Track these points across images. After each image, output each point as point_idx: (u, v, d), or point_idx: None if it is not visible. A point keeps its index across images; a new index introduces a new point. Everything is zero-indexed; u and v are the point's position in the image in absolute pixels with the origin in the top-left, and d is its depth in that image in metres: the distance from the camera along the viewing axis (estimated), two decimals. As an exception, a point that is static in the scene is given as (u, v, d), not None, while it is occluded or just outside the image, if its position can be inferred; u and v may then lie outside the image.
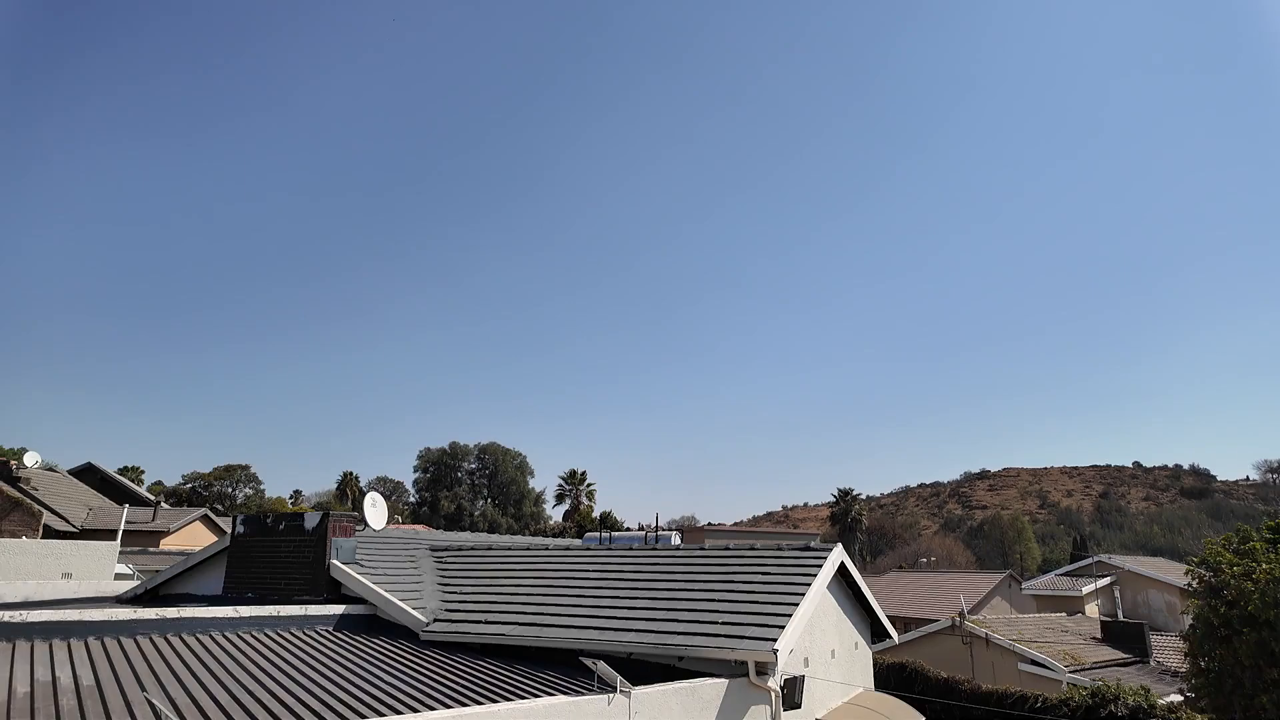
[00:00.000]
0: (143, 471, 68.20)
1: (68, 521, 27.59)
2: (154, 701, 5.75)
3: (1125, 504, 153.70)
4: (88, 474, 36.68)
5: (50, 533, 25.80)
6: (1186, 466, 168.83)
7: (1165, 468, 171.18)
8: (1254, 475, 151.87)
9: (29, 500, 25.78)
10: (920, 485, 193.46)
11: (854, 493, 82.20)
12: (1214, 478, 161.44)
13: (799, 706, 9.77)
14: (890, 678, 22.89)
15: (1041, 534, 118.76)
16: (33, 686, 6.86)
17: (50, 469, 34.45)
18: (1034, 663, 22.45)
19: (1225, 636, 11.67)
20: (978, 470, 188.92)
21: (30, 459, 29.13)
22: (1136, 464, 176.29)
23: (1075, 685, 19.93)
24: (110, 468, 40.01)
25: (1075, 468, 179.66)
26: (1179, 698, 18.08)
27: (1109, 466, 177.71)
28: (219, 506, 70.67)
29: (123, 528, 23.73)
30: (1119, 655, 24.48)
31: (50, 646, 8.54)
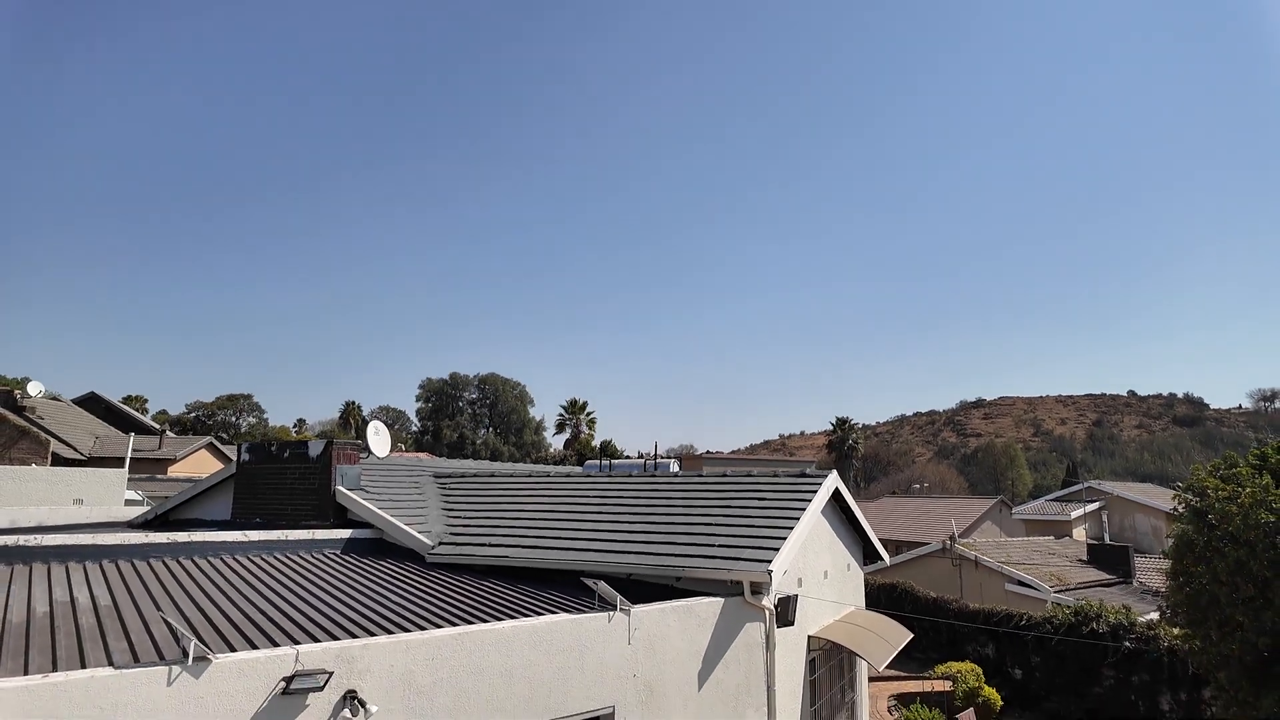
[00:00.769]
0: (146, 401, 68.84)
1: (75, 450, 28.00)
2: (170, 621, 5.96)
3: (1118, 432, 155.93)
4: (92, 403, 36.99)
5: (59, 460, 26.22)
6: (1180, 395, 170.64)
7: (1159, 396, 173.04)
8: (1246, 404, 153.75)
9: (36, 429, 26.10)
10: (916, 414, 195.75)
11: (850, 421, 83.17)
12: (1207, 406, 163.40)
13: (792, 624, 10.15)
14: (881, 597, 23.74)
15: (1034, 461, 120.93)
16: (52, 606, 7.11)
17: (54, 398, 34.75)
18: (1021, 583, 23.22)
19: (1206, 556, 12.03)
20: (974, 399, 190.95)
21: (34, 388, 29.34)
22: (1131, 393, 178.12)
23: (1060, 604, 20.70)
24: (113, 397, 40.33)
25: (1070, 396, 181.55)
26: (1157, 615, 18.78)
27: (1104, 395, 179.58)
28: (223, 435, 71.64)
29: (130, 455, 24.12)
30: (1103, 576, 25.31)
31: (66, 569, 8.81)
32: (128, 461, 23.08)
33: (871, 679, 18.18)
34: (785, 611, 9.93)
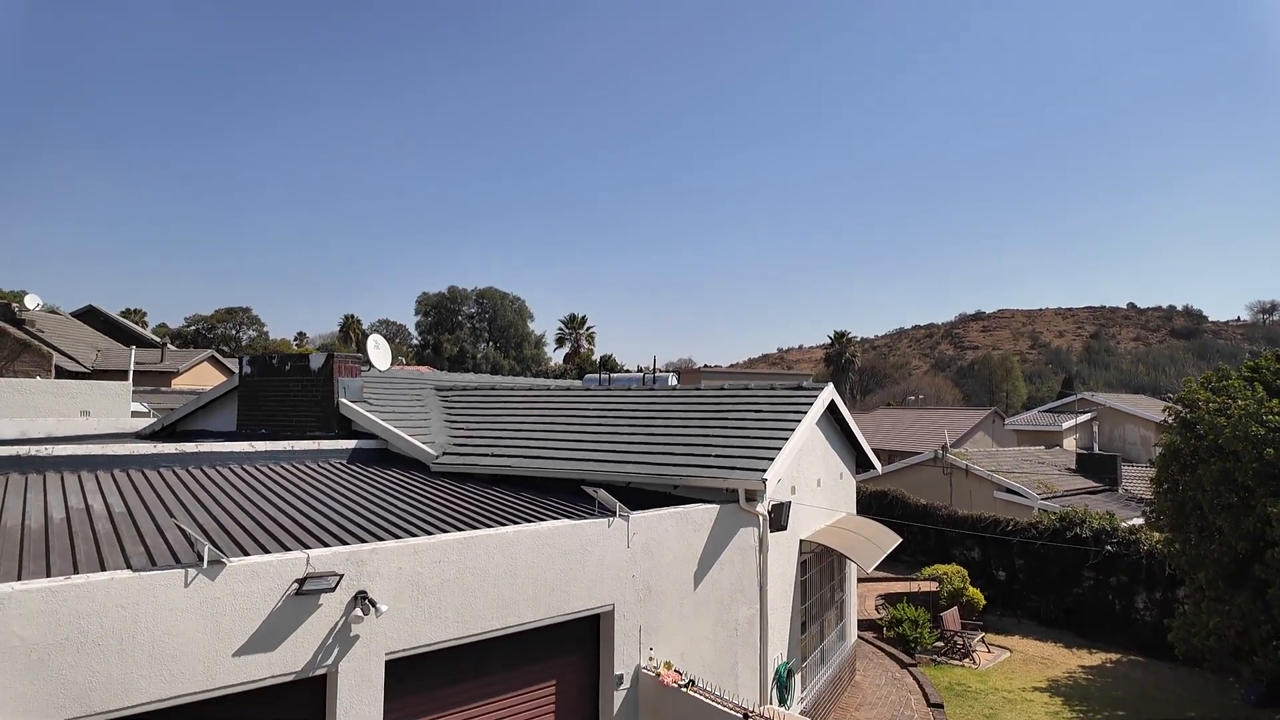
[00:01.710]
0: (145, 314, 68.76)
1: (78, 363, 28.15)
2: (184, 527, 6.16)
3: (1115, 344, 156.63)
4: (90, 316, 36.93)
5: (62, 373, 26.40)
6: (1180, 308, 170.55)
7: (1159, 308, 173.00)
8: (1245, 316, 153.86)
9: (37, 342, 26.16)
10: (915, 327, 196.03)
11: (849, 335, 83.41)
12: (1205, 318, 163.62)
13: (784, 529, 10.51)
14: (872, 504, 24.45)
15: (1030, 373, 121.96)
16: (68, 513, 7.32)
17: (53, 311, 34.68)
18: (1009, 491, 23.86)
19: (1191, 466, 12.33)
20: (972, 312, 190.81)
21: (31, 301, 29.20)
22: (1131, 305, 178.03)
23: (1046, 511, 21.36)
24: (111, 310, 40.24)
25: (1070, 309, 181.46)
26: (1140, 520, 19.41)
27: (1103, 308, 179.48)
28: (224, 348, 71.91)
29: (132, 368, 24.27)
30: (1090, 484, 26.00)
31: (79, 477, 9.03)
32: (131, 374, 23.23)
33: (860, 580, 18.96)
34: (779, 517, 10.26)
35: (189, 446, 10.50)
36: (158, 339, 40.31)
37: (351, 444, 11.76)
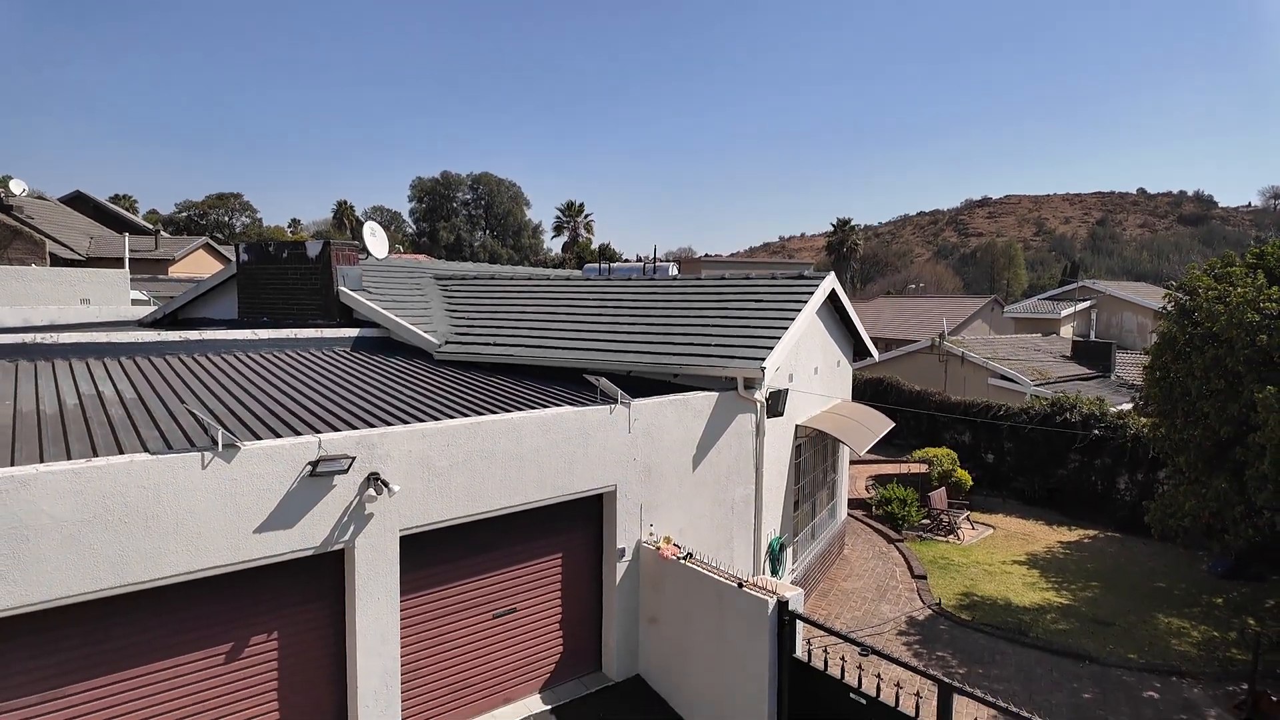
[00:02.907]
0: (135, 200, 67.31)
1: (72, 250, 27.84)
2: (196, 413, 6.31)
3: (1120, 230, 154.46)
4: (79, 203, 36.19)
5: (57, 261, 26.15)
6: (1190, 193, 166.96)
7: (1169, 194, 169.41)
8: (1256, 201, 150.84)
9: (29, 229, 25.76)
10: (919, 214, 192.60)
11: (852, 222, 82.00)
12: (1215, 204, 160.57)
13: (781, 414, 10.77)
14: (867, 390, 24.93)
15: (1033, 261, 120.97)
16: (80, 399, 7.48)
17: (40, 198, 33.94)
18: (1003, 377, 24.25)
19: (1185, 353, 12.47)
20: (979, 198, 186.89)
21: (16, 186, 28.52)
22: (1141, 190, 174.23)
23: (1038, 397, 21.79)
24: (99, 196, 39.38)
25: (1078, 194, 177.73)
26: (1129, 406, 19.84)
27: (1112, 193, 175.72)
28: (218, 235, 70.84)
29: (127, 256, 24.04)
30: (1084, 371, 26.39)
31: (87, 364, 9.15)
32: (127, 262, 23.04)
33: (853, 462, 19.62)
34: (775, 404, 10.49)
35: (193, 334, 10.57)
36: (150, 226, 39.66)
37: (354, 332, 11.83)
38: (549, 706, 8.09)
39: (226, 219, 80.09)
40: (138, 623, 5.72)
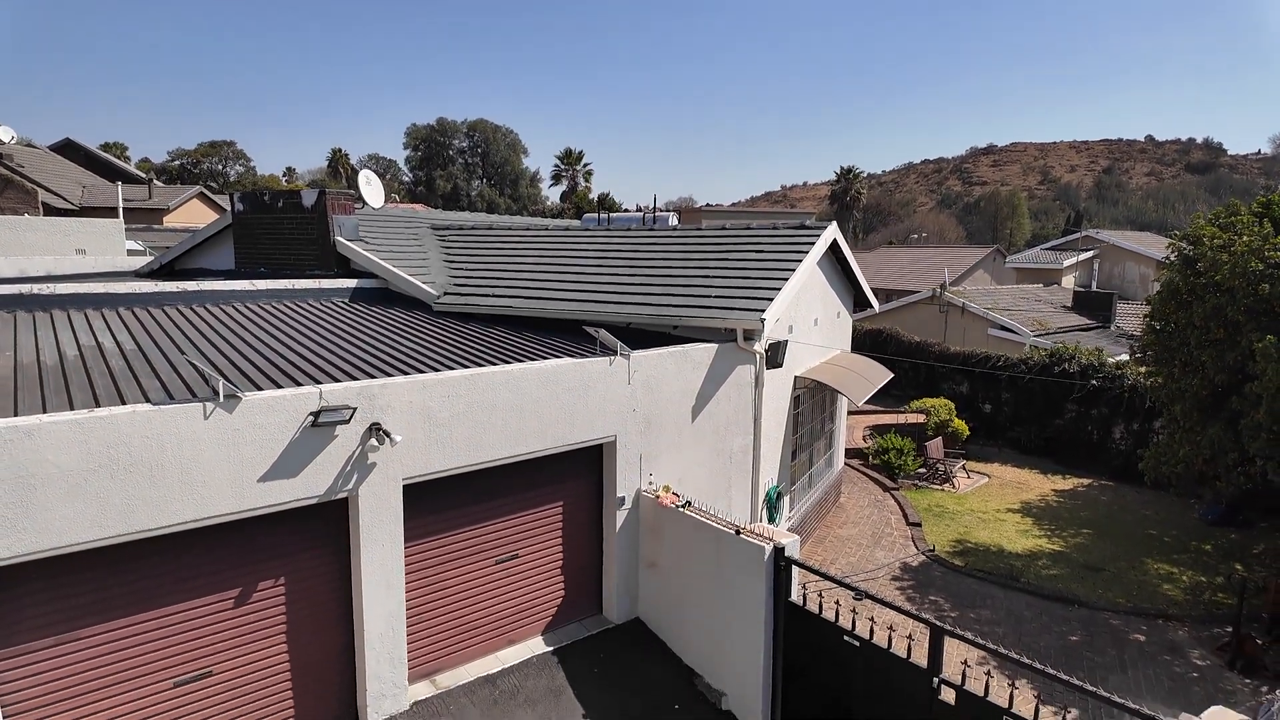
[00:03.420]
0: (126, 148, 66.21)
1: (65, 200, 27.51)
2: (196, 364, 6.33)
3: (1127, 179, 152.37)
4: (69, 151, 35.59)
5: (50, 211, 25.87)
6: (1200, 140, 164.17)
7: (1177, 141, 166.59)
8: (1266, 149, 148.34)
9: (20, 178, 25.40)
10: (924, 161, 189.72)
11: (855, 170, 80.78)
12: (1224, 152, 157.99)
13: (780, 366, 10.80)
14: (867, 341, 24.95)
15: (1037, 210, 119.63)
16: (80, 350, 7.49)
17: (29, 145, 33.39)
18: (1003, 328, 24.24)
19: (1186, 303, 12.44)
20: (984, 145, 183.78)
21: (5, 133, 28.02)
22: (1149, 137, 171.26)
23: (1037, 347, 21.83)
24: (89, 144, 38.71)
25: (1085, 142, 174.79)
26: (1127, 356, 19.89)
27: (1120, 140, 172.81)
28: (212, 184, 69.89)
29: (121, 205, 23.77)
30: (1084, 321, 26.37)
31: (85, 315, 9.13)
32: (121, 211, 22.79)
33: (851, 413, 19.77)
34: (775, 355, 10.51)
35: (190, 285, 10.52)
36: (142, 175, 39.08)
37: (352, 283, 11.78)
38: (551, 648, 8.33)
39: (220, 167, 78.90)
40: (148, 569, 5.84)
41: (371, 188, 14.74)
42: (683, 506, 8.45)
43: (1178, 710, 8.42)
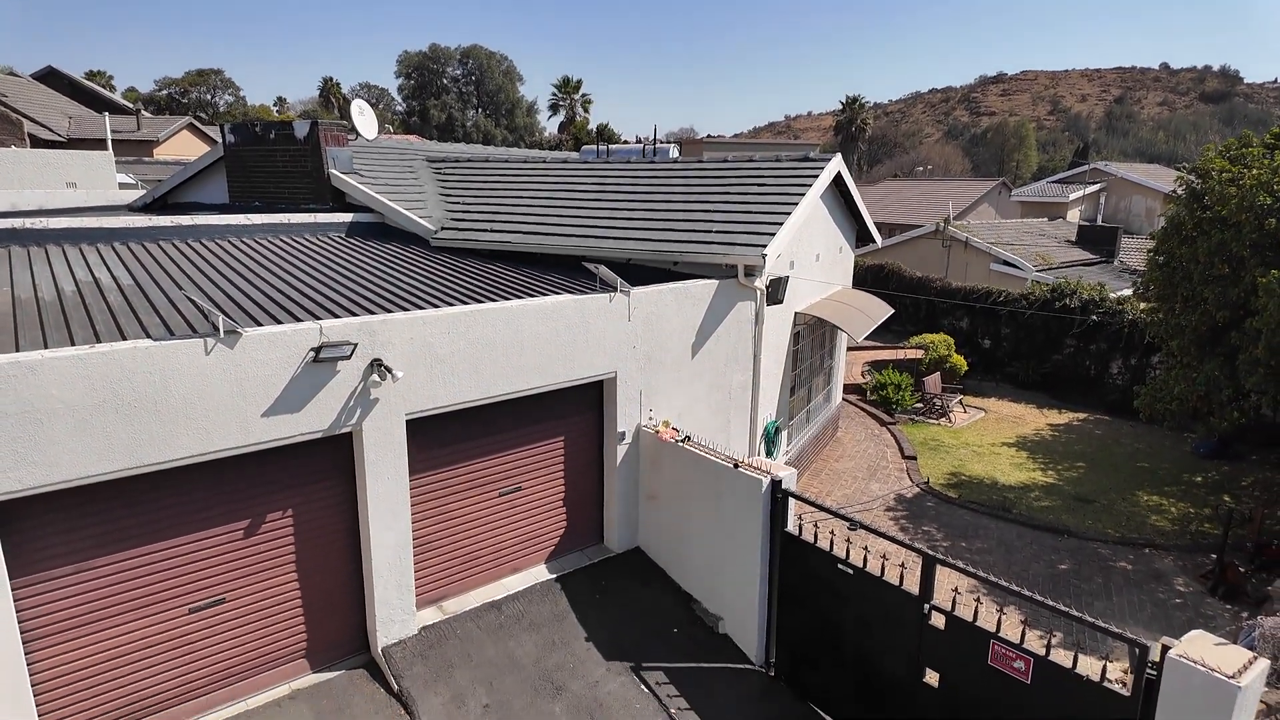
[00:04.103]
0: (111, 77, 64.35)
1: (52, 131, 26.89)
2: (196, 300, 6.31)
3: (1139, 109, 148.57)
4: (52, 79, 34.57)
5: (37, 143, 25.32)
6: (1215, 68, 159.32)
7: (1192, 69, 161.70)
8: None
9: (5, 108, 24.77)
10: (931, 90, 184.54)
11: (861, 100, 78.61)
12: (1240, 80, 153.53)
13: (781, 302, 10.77)
14: (868, 277, 24.82)
15: (1045, 141, 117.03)
16: (77, 285, 7.46)
17: (11, 74, 32.44)
18: (1005, 263, 24.07)
19: (1191, 237, 12.32)
20: (993, 74, 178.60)
21: (-15, 63, 27.13)
22: (1164, 65, 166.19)
23: (1039, 282, 21.72)
24: (73, 72, 37.58)
25: (1097, 70, 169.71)
26: (1129, 292, 19.81)
27: (1133, 69, 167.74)
28: (201, 115, 68.16)
29: (110, 137, 23.25)
30: (1087, 256, 26.16)
31: (80, 250, 9.06)
32: (110, 143, 22.30)
33: (850, 349, 19.82)
34: (775, 292, 10.47)
35: (184, 219, 10.40)
36: (129, 105, 38.07)
37: (348, 217, 11.63)
38: (554, 575, 8.58)
39: (209, 97, 76.79)
40: (159, 501, 5.96)
41: (365, 118, 14.39)
42: (682, 441, 8.57)
43: (1159, 634, 8.74)
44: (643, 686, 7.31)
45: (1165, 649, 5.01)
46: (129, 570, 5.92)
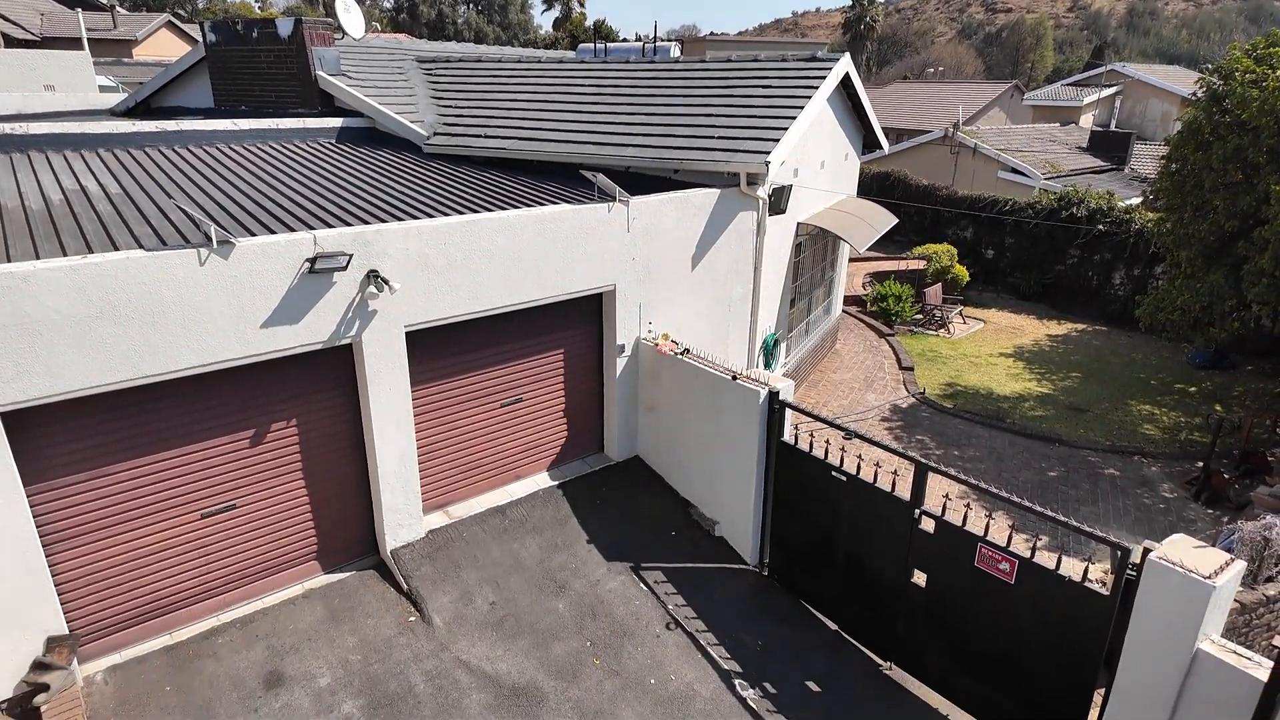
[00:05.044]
0: (80, -30, 60.83)
1: (24, 29, 25.70)
2: (187, 209, 6.19)
3: (1162, 5, 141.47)
4: (20, -27, 32.72)
5: (10, 42, 24.24)
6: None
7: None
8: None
9: (-30, 5, 23.56)
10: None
11: (871, -6, 74.75)
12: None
13: (783, 212, 10.57)
14: (873, 185, 24.29)
15: (1063, 40, 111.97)
16: (65, 194, 7.29)
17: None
18: (1013, 170, 23.52)
19: (1207, 142, 11.96)
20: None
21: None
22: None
23: (1047, 191, 21.28)
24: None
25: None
26: (1138, 200, 19.45)
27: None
28: (180, 12, 64.90)
29: (85, 36, 22.24)
30: (1098, 163, 25.52)
31: (65, 157, 8.81)
32: (85, 43, 21.35)
33: (852, 260, 19.63)
34: (778, 201, 10.26)
35: (170, 125, 10.07)
36: (103, 1, 36.22)
37: (338, 122, 11.27)
38: (556, 482, 8.80)
39: (186, -9, 72.85)
40: (164, 411, 6.04)
41: (351, 16, 13.70)
42: (681, 354, 8.60)
43: (1141, 538, 9.05)
44: (642, 585, 7.63)
45: (1146, 551, 5.19)
46: (141, 477, 6.06)
